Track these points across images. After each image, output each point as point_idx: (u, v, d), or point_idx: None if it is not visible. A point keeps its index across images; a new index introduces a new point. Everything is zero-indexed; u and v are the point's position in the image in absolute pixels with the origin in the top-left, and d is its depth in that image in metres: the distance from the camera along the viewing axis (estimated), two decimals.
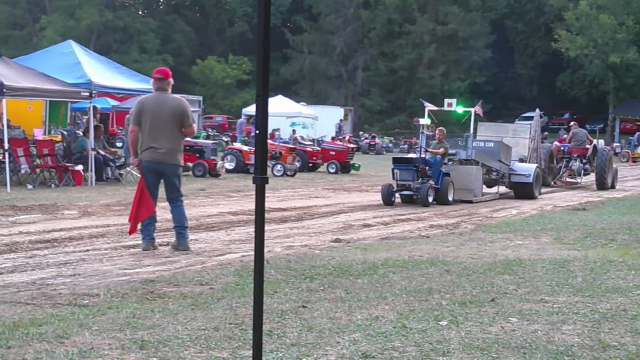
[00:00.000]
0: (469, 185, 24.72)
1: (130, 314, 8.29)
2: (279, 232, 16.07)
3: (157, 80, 13.06)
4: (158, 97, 12.99)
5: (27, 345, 7.06)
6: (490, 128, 32.32)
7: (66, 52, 29.82)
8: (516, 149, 29.65)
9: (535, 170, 27.26)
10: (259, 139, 5.58)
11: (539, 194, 27.51)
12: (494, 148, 26.65)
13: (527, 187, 27.00)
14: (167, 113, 12.84)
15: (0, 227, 15.29)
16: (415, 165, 23.42)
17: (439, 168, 23.65)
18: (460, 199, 24.34)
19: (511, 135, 31.05)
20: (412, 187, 23.33)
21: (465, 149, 25.25)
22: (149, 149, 12.83)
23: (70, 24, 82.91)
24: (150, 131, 12.83)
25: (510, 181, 27.30)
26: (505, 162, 26.99)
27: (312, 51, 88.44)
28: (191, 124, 13.15)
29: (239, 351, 7.01)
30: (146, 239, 12.98)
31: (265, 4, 5.42)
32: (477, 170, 25.07)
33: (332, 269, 11.42)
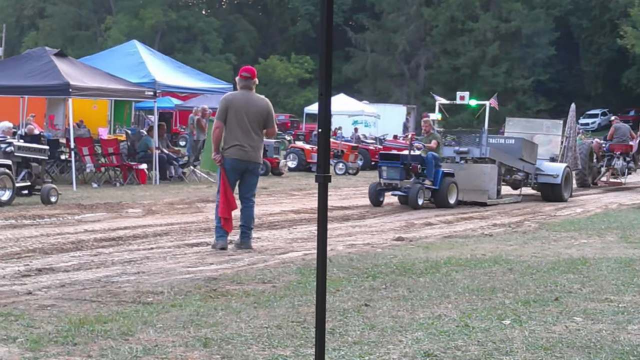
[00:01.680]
0: (482, 185, 22.59)
1: (193, 312, 8.34)
2: (341, 230, 16.08)
3: (244, 78, 13.12)
4: (245, 95, 13.07)
5: (92, 341, 7.13)
6: (519, 124, 29.84)
7: (130, 51, 30.13)
8: (548, 146, 27.37)
9: (564, 170, 24.97)
10: (322, 137, 5.59)
11: (569, 196, 25.22)
12: (515, 145, 24.41)
13: (555, 188, 24.81)
14: (254, 112, 12.92)
15: (66, 225, 15.48)
16: (403, 162, 21.15)
17: (434, 166, 21.37)
18: (472, 200, 22.37)
19: (544, 131, 28.36)
20: (400, 186, 21.07)
21: (479, 146, 23.04)
22: (235, 146, 12.87)
23: (134, 24, 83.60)
24: (235, 128, 12.87)
25: (536, 182, 24.99)
26: (529, 161, 24.53)
27: (374, 49, 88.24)
28: (274, 124, 13.30)
29: (301, 349, 7.03)
30: (223, 237, 13.01)
31: (328, 2, 5.42)
32: (491, 169, 22.82)
33: (394, 267, 11.40)
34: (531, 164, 24.53)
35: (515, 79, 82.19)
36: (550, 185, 24.79)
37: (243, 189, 13.21)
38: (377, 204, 20.99)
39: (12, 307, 8.37)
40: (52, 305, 8.51)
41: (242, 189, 13.21)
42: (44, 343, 7.02)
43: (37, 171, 19.58)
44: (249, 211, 13.19)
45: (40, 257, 11.81)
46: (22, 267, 10.86)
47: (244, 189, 13.21)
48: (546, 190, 24.95)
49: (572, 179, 26.02)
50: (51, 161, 23.90)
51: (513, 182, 24.68)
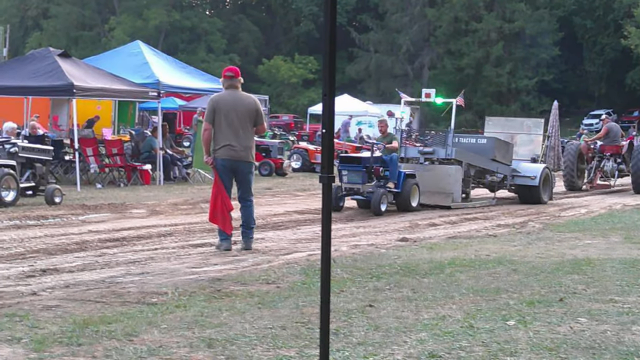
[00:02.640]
0: (447, 187, 21.29)
1: (197, 312, 8.35)
2: (345, 231, 16.08)
3: (228, 77, 13.07)
4: (231, 94, 13.04)
5: (96, 342, 7.14)
6: (499, 123, 28.45)
7: (134, 52, 30.18)
8: (529, 146, 26.43)
9: (542, 171, 23.70)
10: (326, 137, 5.59)
11: (548, 199, 23.96)
12: (487, 145, 23.16)
13: (532, 190, 23.51)
14: (242, 111, 12.90)
15: (70, 226, 15.49)
16: (365, 166, 19.67)
17: (397, 167, 20.19)
18: (435, 203, 21.04)
19: (525, 130, 27.19)
20: (362, 190, 19.63)
21: (444, 146, 21.74)
22: (225, 147, 12.85)
23: (138, 24, 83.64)
24: (225, 129, 12.85)
25: (512, 184, 23.81)
26: (503, 162, 23.25)
27: (377, 49, 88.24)
28: (263, 122, 13.26)
29: (305, 350, 7.03)
30: (227, 239, 13.01)
31: (332, 3, 5.43)
32: (456, 171, 21.49)
33: (398, 267, 11.40)
34: (506, 165, 23.42)
35: (519, 80, 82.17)
36: (528, 187, 23.64)
37: (239, 191, 13.21)
38: (337, 209, 19.51)
39: (17, 307, 8.39)
40: (56, 306, 8.53)
41: (239, 190, 13.21)
42: (49, 344, 7.03)
43: (41, 172, 19.61)
44: (247, 210, 13.19)
45: (44, 257, 11.82)
46: (27, 267, 10.87)
47: (240, 191, 13.20)
48: (524, 192, 23.84)
49: (552, 180, 24.61)
50: (55, 162, 23.92)
51: (490, 184, 23.54)
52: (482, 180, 23.46)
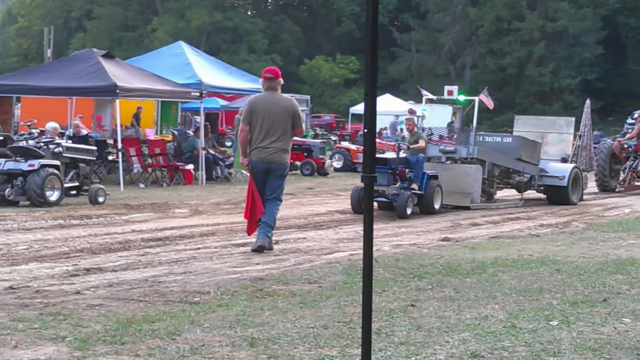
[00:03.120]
0: (466, 188, 20.64)
1: (240, 312, 8.37)
2: (387, 231, 16.06)
3: (267, 79, 12.99)
4: (269, 96, 12.95)
5: (139, 341, 7.18)
6: (528, 122, 27.48)
7: (177, 52, 30.31)
8: (560, 146, 25.66)
9: (571, 171, 22.81)
10: (368, 137, 5.58)
11: (578, 200, 23.09)
12: (512, 144, 22.42)
13: (561, 191, 22.68)
14: (279, 112, 12.78)
15: (114, 225, 15.59)
16: (391, 167, 19.01)
17: (422, 168, 19.52)
18: (454, 204, 20.44)
19: (556, 129, 26.09)
20: (388, 193, 18.91)
21: (466, 146, 21.07)
22: (257, 149, 12.79)
23: (180, 25, 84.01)
24: (260, 130, 12.77)
25: (540, 184, 23.03)
26: (530, 161, 22.54)
27: (419, 49, 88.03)
28: (301, 124, 13.12)
29: (347, 349, 7.03)
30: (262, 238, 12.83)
31: (373, 2, 5.42)
32: (475, 170, 20.84)
33: (440, 267, 11.38)
34: (533, 165, 22.70)
35: (562, 79, 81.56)
36: (556, 188, 22.80)
37: (267, 191, 12.96)
38: (361, 211, 17.82)
39: (61, 306, 8.45)
40: (100, 305, 8.59)
41: (267, 191, 12.96)
42: (92, 342, 7.08)
43: (85, 172, 19.75)
44: (272, 208, 12.93)
45: (88, 257, 11.91)
46: (71, 266, 10.95)
47: (268, 191, 12.96)
48: (552, 193, 23.05)
49: (582, 180, 23.60)
50: (99, 162, 24.09)
51: (517, 184, 22.69)
52: (510, 181, 22.75)
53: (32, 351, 6.82)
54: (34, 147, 18.83)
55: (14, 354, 6.73)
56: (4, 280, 9.78)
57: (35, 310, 8.26)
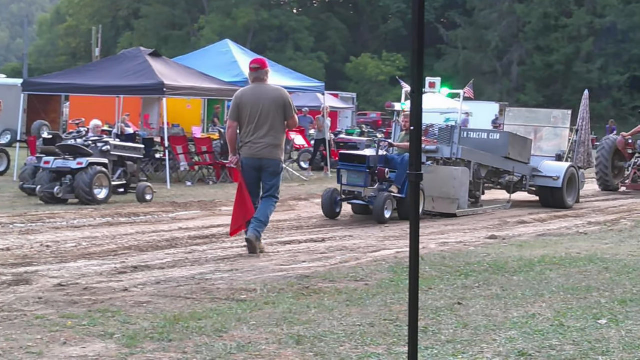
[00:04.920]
0: (451, 192, 18.24)
1: (286, 309, 8.39)
2: (433, 229, 16.00)
3: (254, 70, 12.25)
4: (256, 88, 12.17)
5: (187, 338, 7.22)
6: (520, 115, 24.90)
7: (223, 50, 30.43)
8: (555, 141, 23.07)
9: (567, 171, 20.88)
10: (414, 135, 5.57)
11: (574, 202, 21.25)
12: (500, 141, 20.31)
13: (555, 192, 20.75)
14: (268, 105, 12.02)
15: (161, 223, 15.68)
16: (369, 166, 16.99)
17: (407, 170, 17.93)
18: (438, 210, 18.13)
19: (551, 123, 23.53)
20: (364, 195, 16.99)
21: (450, 144, 18.74)
22: (246, 145, 12.11)
23: (227, 23, 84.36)
24: (248, 125, 12.06)
25: (532, 184, 21.11)
26: (520, 160, 20.57)
27: (466, 46, 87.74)
28: (293, 114, 12.25)
29: (393, 347, 7.03)
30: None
31: (420, 0, 5.41)
32: (462, 173, 18.43)
33: (487, 265, 11.33)
34: (523, 164, 20.77)
35: (610, 75, 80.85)
36: (550, 189, 20.87)
37: (263, 189, 12.33)
38: (333, 216, 17.06)
39: (109, 303, 8.52)
40: (147, 302, 8.64)
41: (263, 189, 12.34)
42: (140, 339, 7.13)
43: (132, 170, 19.88)
44: (266, 205, 12.25)
45: (136, 254, 11.98)
46: (119, 264, 11.03)
47: (263, 189, 12.32)
48: (545, 194, 21.11)
49: (578, 180, 21.60)
50: (146, 160, 24.23)
51: (507, 185, 20.74)
52: (499, 181, 20.79)
53: (80, 348, 6.88)
54: (82, 145, 18.99)
55: (63, 351, 6.80)
56: (53, 277, 9.88)
57: (83, 307, 8.33)
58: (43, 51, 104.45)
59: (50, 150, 19.21)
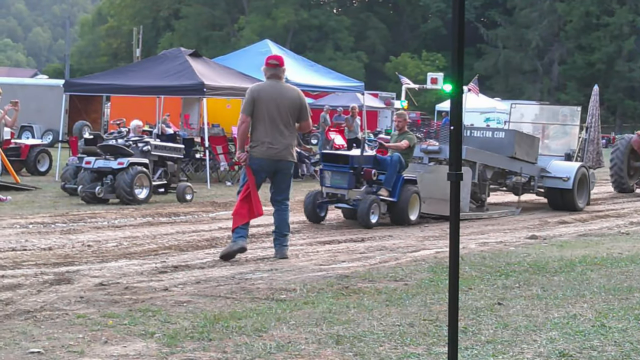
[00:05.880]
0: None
1: (325, 309, 8.40)
2: (473, 228, 15.95)
3: (271, 66, 11.75)
4: (275, 85, 11.73)
5: (226, 337, 7.24)
6: (526, 111, 23.56)
7: (263, 50, 30.48)
8: (564, 139, 21.69)
9: (577, 171, 19.75)
10: (454, 134, 5.56)
11: (585, 204, 20.18)
12: (505, 139, 19.30)
13: (565, 194, 19.65)
14: (287, 104, 11.64)
15: (201, 223, 15.73)
16: (352, 166, 15.81)
17: (397, 170, 16.10)
18: (437, 213, 16.87)
19: (560, 120, 22.12)
20: (348, 198, 15.80)
21: None
22: (263, 144, 11.59)
23: (267, 23, 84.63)
24: (265, 124, 11.55)
25: (540, 186, 20.01)
26: (527, 159, 19.48)
27: (506, 45, 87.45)
28: (308, 117, 11.94)
29: (433, 347, 7.01)
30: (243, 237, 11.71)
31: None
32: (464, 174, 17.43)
33: (527, 265, 11.28)
34: (530, 164, 19.68)
35: None
36: (560, 191, 19.73)
37: (275, 192, 11.98)
38: (316, 220, 16.07)
39: (150, 303, 8.56)
40: (188, 302, 8.68)
41: (274, 192, 11.99)
42: (180, 338, 7.17)
43: (172, 170, 19.95)
44: (282, 215, 11.96)
45: (176, 254, 12.03)
46: (159, 263, 11.08)
47: (275, 192, 11.97)
48: (554, 196, 19.99)
49: (589, 181, 20.45)
50: (186, 160, 24.33)
51: (514, 186, 19.78)
52: (505, 182, 19.84)
53: (121, 347, 6.93)
54: (123, 145, 19.09)
55: (104, 350, 6.84)
56: (94, 276, 9.94)
57: (124, 306, 8.38)
58: (84, 52, 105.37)
59: (91, 151, 19.33)
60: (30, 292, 8.91)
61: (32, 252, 11.73)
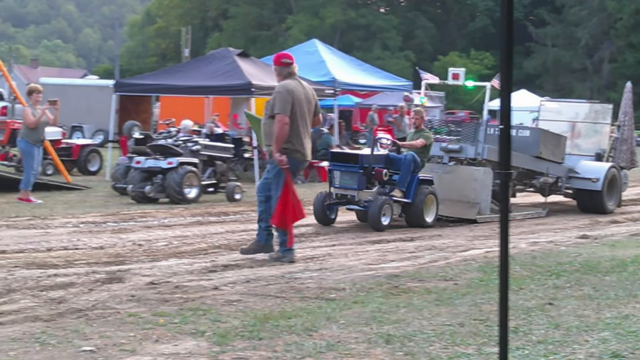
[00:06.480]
0: (471, 196, 16.59)
1: (375, 308, 8.39)
2: (524, 228, 15.87)
3: (286, 65, 11.54)
4: (299, 84, 11.48)
5: (276, 336, 7.27)
6: (555, 109, 22.28)
7: (310, 50, 30.53)
8: (594, 138, 20.54)
9: (607, 172, 18.84)
10: (503, 133, 5.54)
11: (615, 206, 19.21)
12: (529, 138, 18.30)
13: (594, 196, 18.73)
14: (311, 102, 11.48)
15: (250, 222, 15.73)
16: (362, 166, 15.08)
17: (411, 170, 15.42)
18: (455, 216, 16.51)
19: (591, 118, 20.94)
20: (358, 199, 15.14)
21: (474, 143, 17.03)
22: (302, 145, 11.34)
23: (314, 23, 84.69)
24: (300, 123, 11.26)
25: (568, 187, 19.07)
26: (553, 159, 18.59)
27: (555, 44, 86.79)
28: (320, 111, 11.83)
29: (484, 347, 6.99)
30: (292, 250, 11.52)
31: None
32: (484, 174, 16.60)
33: (578, 265, 11.20)
34: (557, 164, 18.78)
35: None
36: (588, 192, 18.82)
37: None
38: (326, 222, 15.45)
39: (200, 302, 8.61)
40: (237, 301, 8.72)
41: None
42: (231, 337, 7.20)
43: (222, 169, 20.02)
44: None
45: (225, 253, 12.08)
46: (209, 263, 11.14)
47: None
48: (583, 198, 19.10)
49: (620, 182, 19.50)
50: (235, 159, 24.39)
51: (541, 187, 18.77)
52: (531, 182, 18.93)
53: (172, 345, 6.97)
54: (173, 145, 19.20)
55: (155, 348, 6.89)
56: (145, 275, 10.01)
57: (175, 305, 8.44)
58: (134, 52, 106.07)
59: (141, 150, 19.47)
60: (82, 291, 9.00)
61: (84, 251, 11.86)
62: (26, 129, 17.89)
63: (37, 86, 18.96)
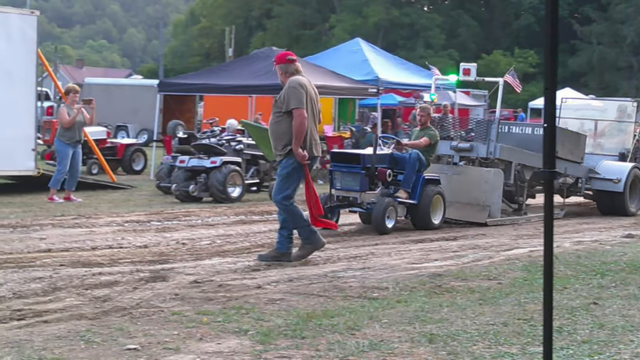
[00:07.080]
0: (481, 198, 16.02)
1: (418, 308, 8.38)
2: (568, 227, 15.78)
3: (291, 62, 11.39)
4: (307, 80, 11.40)
5: (319, 335, 7.27)
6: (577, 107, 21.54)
7: (354, 49, 30.54)
8: (618, 138, 19.78)
9: (629, 172, 18.26)
10: (547, 132, 5.50)
11: (637, 208, 18.64)
12: None
13: (615, 197, 18.19)
14: (317, 100, 11.43)
15: None
16: (365, 166, 14.49)
17: (416, 169, 14.83)
18: (465, 219, 16.02)
19: (616, 117, 20.17)
20: (361, 201, 14.53)
21: (486, 142, 16.47)
22: (314, 141, 11.23)
23: (357, 22, 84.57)
24: (311, 120, 11.14)
25: (588, 188, 18.53)
26: (572, 159, 17.72)
27: (600, 41, 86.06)
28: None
29: (528, 347, 6.95)
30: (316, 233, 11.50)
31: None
32: (495, 175, 16.02)
33: (623, 264, 11.12)
34: (575, 164, 17.98)
35: None
36: (609, 194, 18.26)
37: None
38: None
39: (243, 300, 8.63)
40: (280, 299, 8.73)
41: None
42: (274, 336, 7.21)
43: (264, 168, 20.07)
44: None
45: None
46: (252, 261, 11.16)
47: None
48: (604, 199, 18.55)
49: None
50: None
51: (559, 188, 17.99)
52: None
53: (216, 344, 7.00)
54: (216, 144, 19.28)
55: (199, 347, 6.92)
56: (189, 274, 10.06)
57: (218, 304, 8.47)
58: (177, 52, 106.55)
59: (185, 150, 19.58)
60: (127, 289, 9.06)
61: (128, 249, 11.93)
62: (62, 128, 18.03)
63: (74, 86, 19.12)
